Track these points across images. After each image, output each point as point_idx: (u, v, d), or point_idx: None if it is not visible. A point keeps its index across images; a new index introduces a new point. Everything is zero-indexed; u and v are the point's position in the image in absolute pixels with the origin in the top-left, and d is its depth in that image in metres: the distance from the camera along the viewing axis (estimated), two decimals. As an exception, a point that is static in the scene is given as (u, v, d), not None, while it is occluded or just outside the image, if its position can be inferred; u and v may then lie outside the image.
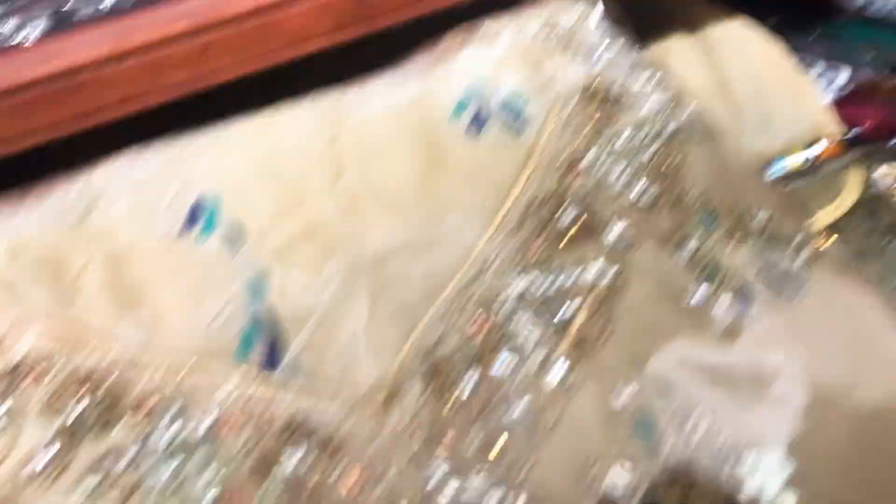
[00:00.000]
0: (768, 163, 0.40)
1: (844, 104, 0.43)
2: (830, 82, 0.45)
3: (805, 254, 0.29)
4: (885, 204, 0.40)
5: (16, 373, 0.27)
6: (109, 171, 0.33)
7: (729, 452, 0.24)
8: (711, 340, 0.26)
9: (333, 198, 0.30)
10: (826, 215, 0.38)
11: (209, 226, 0.30)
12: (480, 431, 0.24)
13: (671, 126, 0.33)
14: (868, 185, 0.40)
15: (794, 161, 0.42)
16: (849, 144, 0.41)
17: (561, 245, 0.28)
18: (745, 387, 0.25)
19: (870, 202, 0.40)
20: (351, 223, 0.29)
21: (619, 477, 0.23)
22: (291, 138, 0.32)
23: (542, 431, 0.24)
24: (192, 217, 0.31)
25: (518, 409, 0.24)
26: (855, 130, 0.42)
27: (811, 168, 0.41)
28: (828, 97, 0.44)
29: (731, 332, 0.27)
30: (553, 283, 0.27)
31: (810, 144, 0.41)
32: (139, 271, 0.29)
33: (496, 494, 0.23)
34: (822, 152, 0.41)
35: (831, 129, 0.41)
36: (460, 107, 0.33)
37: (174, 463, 0.24)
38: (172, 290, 0.29)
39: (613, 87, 0.34)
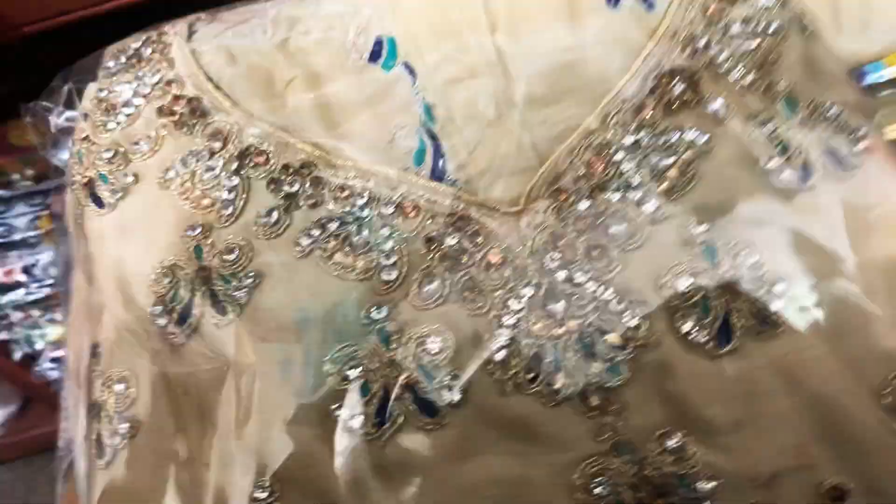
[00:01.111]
0: (862, 66, 0.42)
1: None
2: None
3: (863, 144, 0.35)
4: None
5: (244, 155, 0.37)
6: (297, 3, 0.41)
7: (767, 280, 0.32)
8: (772, 198, 0.34)
9: (489, 49, 0.37)
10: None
11: (391, 57, 0.38)
12: (587, 240, 0.33)
13: (775, 24, 0.38)
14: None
15: (891, 71, 0.45)
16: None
17: (669, 110, 0.36)
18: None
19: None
20: (504, 72, 0.37)
21: (683, 283, 0.32)
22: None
23: (632, 246, 0.33)
24: (377, 50, 0.39)
25: (617, 229, 0.33)
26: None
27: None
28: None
29: (788, 195, 0.34)
30: (657, 139, 0.35)
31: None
32: (335, 89, 0.38)
33: (592, 285, 0.32)
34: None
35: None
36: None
37: (365, 232, 0.34)
38: (363, 105, 0.37)
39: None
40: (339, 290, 0.33)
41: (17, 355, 0.90)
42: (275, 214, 0.35)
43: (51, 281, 0.81)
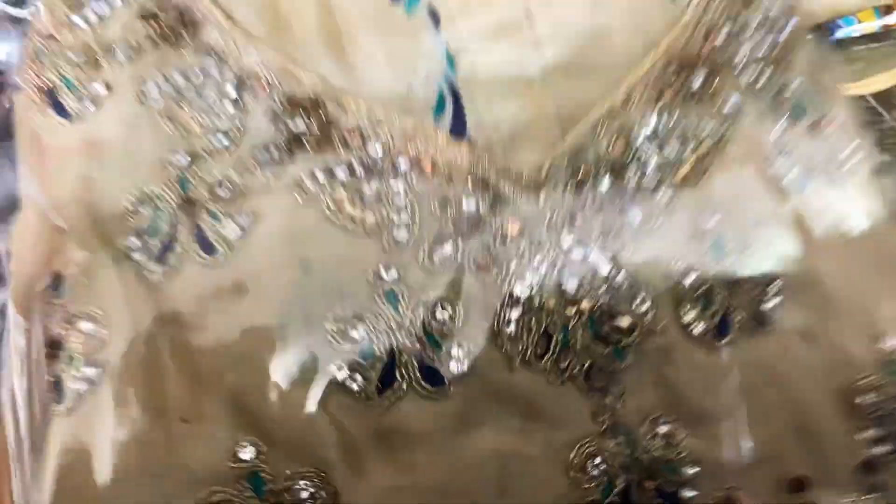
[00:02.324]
0: (835, 19, 0.42)
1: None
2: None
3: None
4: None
5: (242, 80, 0.33)
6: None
7: (764, 278, 0.33)
8: (776, 200, 0.35)
9: (519, 5, 0.36)
10: (878, 82, 0.41)
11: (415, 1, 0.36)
12: (603, 221, 0.33)
13: (788, 28, 0.39)
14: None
15: (867, 26, 0.46)
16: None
17: (688, 100, 0.36)
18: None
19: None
20: (532, 34, 0.35)
21: (691, 275, 0.33)
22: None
23: (645, 232, 0.33)
24: (399, -14, 0.36)
25: (632, 213, 0.33)
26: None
27: (881, 35, 0.43)
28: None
29: (790, 198, 0.35)
30: (675, 127, 0.35)
31: (887, 10, 0.43)
32: (350, 22, 0.35)
33: (606, 266, 0.32)
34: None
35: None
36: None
37: (376, 184, 0.32)
38: (382, 47, 0.35)
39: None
40: (345, 243, 0.31)
41: None
42: (275, 151, 0.32)
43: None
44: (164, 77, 0.33)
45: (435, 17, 0.35)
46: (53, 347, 0.29)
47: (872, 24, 0.45)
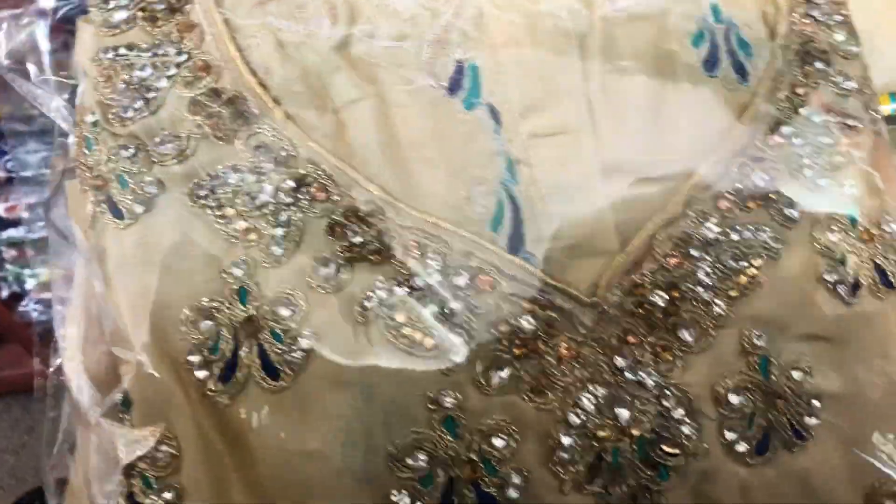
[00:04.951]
0: None
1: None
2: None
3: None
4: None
5: (301, 184, 0.32)
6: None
7: (808, 394, 0.34)
8: (828, 312, 0.35)
9: (581, 100, 0.34)
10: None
11: (474, 93, 0.34)
12: (655, 340, 0.33)
13: (853, 119, 0.37)
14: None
15: (884, 108, 0.47)
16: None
17: (746, 205, 0.35)
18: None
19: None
20: (594, 131, 0.34)
21: (737, 396, 0.33)
22: (547, 19, 0.35)
23: (697, 350, 0.33)
24: (457, 78, 0.34)
25: (685, 332, 0.33)
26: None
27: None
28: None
29: (843, 309, 0.35)
30: (733, 236, 0.34)
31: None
32: (406, 122, 0.34)
33: (656, 389, 0.32)
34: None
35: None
36: (700, 36, 0.36)
37: (434, 306, 0.32)
38: (437, 148, 0.33)
39: (824, 49, 0.38)
40: (406, 367, 0.31)
41: (4, 293, 0.87)
42: (333, 265, 0.32)
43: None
44: (217, 176, 0.32)
45: (495, 116, 0.34)
46: (127, 467, 0.30)
47: (888, 108, 0.45)
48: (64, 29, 0.40)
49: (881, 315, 0.35)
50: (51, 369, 0.36)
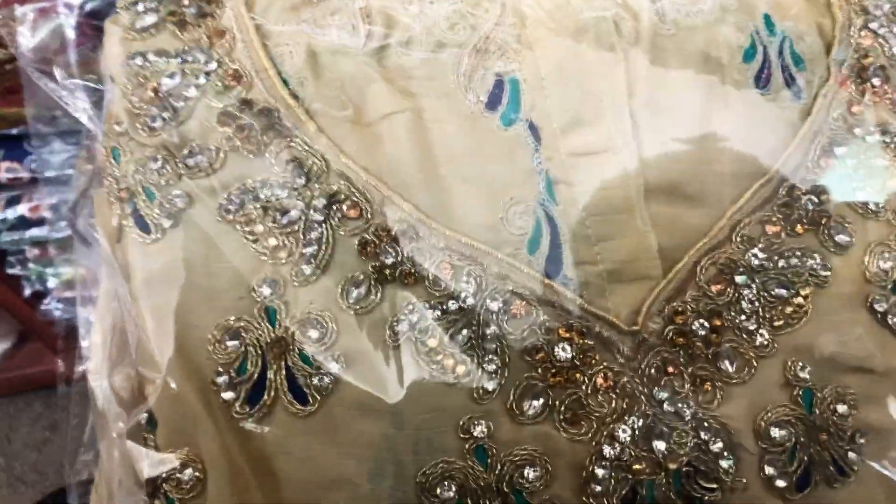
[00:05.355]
0: None
1: None
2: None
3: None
4: None
5: (332, 202, 0.31)
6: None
7: (851, 429, 0.33)
8: (877, 343, 0.33)
9: (625, 118, 0.33)
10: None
11: (514, 108, 0.33)
12: (695, 371, 0.32)
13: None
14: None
15: None
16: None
17: (794, 230, 0.33)
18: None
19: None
20: (639, 151, 0.33)
21: (778, 430, 0.32)
22: (591, 31, 0.33)
23: (737, 381, 0.32)
24: (496, 93, 0.33)
25: (726, 363, 0.32)
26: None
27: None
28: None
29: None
30: (779, 263, 0.33)
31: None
32: (443, 137, 0.32)
33: (694, 421, 0.31)
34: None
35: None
36: (752, 48, 0.35)
37: (467, 330, 0.31)
38: (474, 165, 0.32)
39: (882, 64, 0.36)
40: (437, 394, 0.30)
41: (27, 291, 0.88)
42: (364, 286, 0.31)
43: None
44: (247, 191, 0.31)
45: (535, 133, 0.33)
46: (151, 488, 0.30)
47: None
48: (92, 25, 0.39)
49: None
50: (75, 374, 0.36)
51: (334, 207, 0.31)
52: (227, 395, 0.30)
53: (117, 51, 0.34)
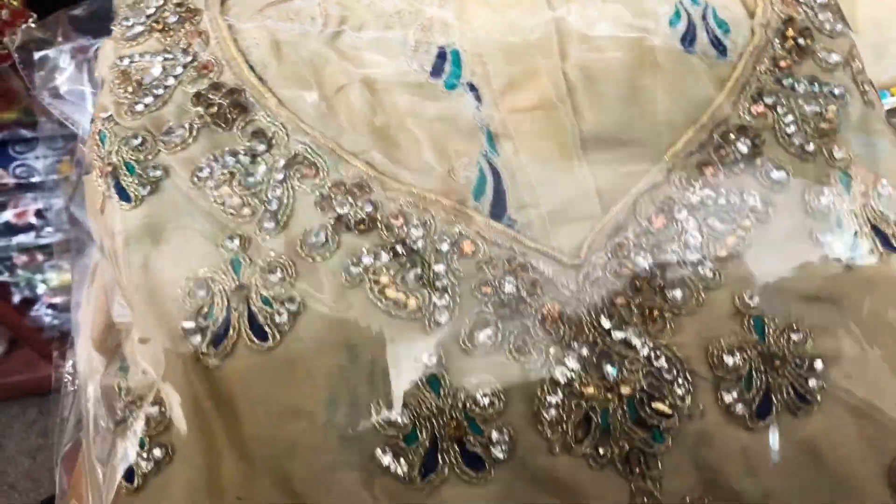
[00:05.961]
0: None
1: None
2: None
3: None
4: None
5: (291, 164, 0.34)
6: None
7: (809, 357, 0.33)
8: (825, 274, 0.34)
9: (559, 78, 0.36)
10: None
11: (455, 74, 0.36)
12: (643, 301, 0.33)
13: (839, 88, 0.38)
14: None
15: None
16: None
17: (731, 170, 0.35)
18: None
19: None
20: (574, 105, 0.35)
21: (732, 356, 0.32)
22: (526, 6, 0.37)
23: (686, 311, 0.33)
24: (439, 63, 0.36)
25: (674, 293, 0.33)
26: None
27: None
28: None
29: (840, 271, 0.34)
30: (719, 200, 0.35)
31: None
32: (392, 103, 0.35)
33: (645, 349, 0.32)
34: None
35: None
36: (677, 16, 0.38)
37: (418, 268, 0.33)
38: (421, 125, 0.35)
39: (806, 26, 0.39)
40: (389, 328, 0.32)
41: (16, 298, 0.88)
42: (322, 234, 0.33)
43: (65, 227, 0.79)
44: (216, 159, 0.35)
45: (476, 94, 0.36)
46: (121, 427, 0.31)
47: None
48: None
49: (884, 276, 0.34)
50: (66, 374, 0.38)
51: (294, 168, 0.34)
52: (195, 338, 0.32)
53: (109, 56, 0.39)
